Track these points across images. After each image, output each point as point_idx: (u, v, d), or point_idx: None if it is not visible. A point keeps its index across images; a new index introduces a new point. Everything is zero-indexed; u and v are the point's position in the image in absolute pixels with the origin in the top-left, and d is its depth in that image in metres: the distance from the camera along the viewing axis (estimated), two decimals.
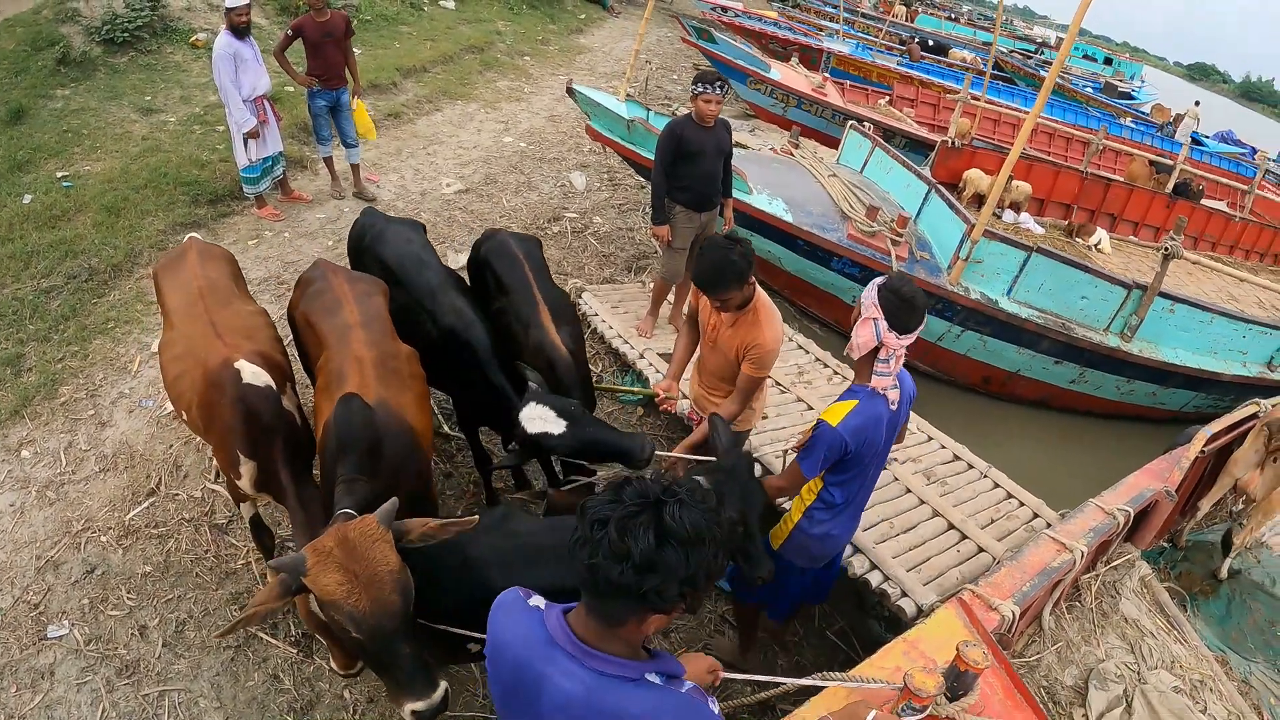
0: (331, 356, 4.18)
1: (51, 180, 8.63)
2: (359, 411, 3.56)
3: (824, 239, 7.87)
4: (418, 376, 4.33)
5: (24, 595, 4.76)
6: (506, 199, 10.53)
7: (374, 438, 3.56)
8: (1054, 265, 7.76)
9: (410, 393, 4.11)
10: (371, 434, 3.55)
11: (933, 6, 53.11)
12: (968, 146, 11.77)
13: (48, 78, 10.53)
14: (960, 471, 5.81)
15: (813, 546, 3.88)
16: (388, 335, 4.38)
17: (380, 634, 2.70)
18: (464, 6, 18.94)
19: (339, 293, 4.56)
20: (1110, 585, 4.38)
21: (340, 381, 3.92)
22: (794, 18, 26.97)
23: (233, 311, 4.50)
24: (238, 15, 7.98)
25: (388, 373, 4.06)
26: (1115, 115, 21.26)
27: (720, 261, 3.97)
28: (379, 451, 3.57)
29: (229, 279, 4.87)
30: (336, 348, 4.21)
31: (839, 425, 3.37)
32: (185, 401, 4.18)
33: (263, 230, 8.75)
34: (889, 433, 3.58)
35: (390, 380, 4.02)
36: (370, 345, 4.17)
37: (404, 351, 4.35)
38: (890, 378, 3.39)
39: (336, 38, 8.75)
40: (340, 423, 3.53)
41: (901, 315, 3.26)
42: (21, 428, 5.92)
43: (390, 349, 4.27)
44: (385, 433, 3.65)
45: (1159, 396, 8.59)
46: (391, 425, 3.74)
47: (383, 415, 3.71)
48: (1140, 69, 39.02)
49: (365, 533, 2.78)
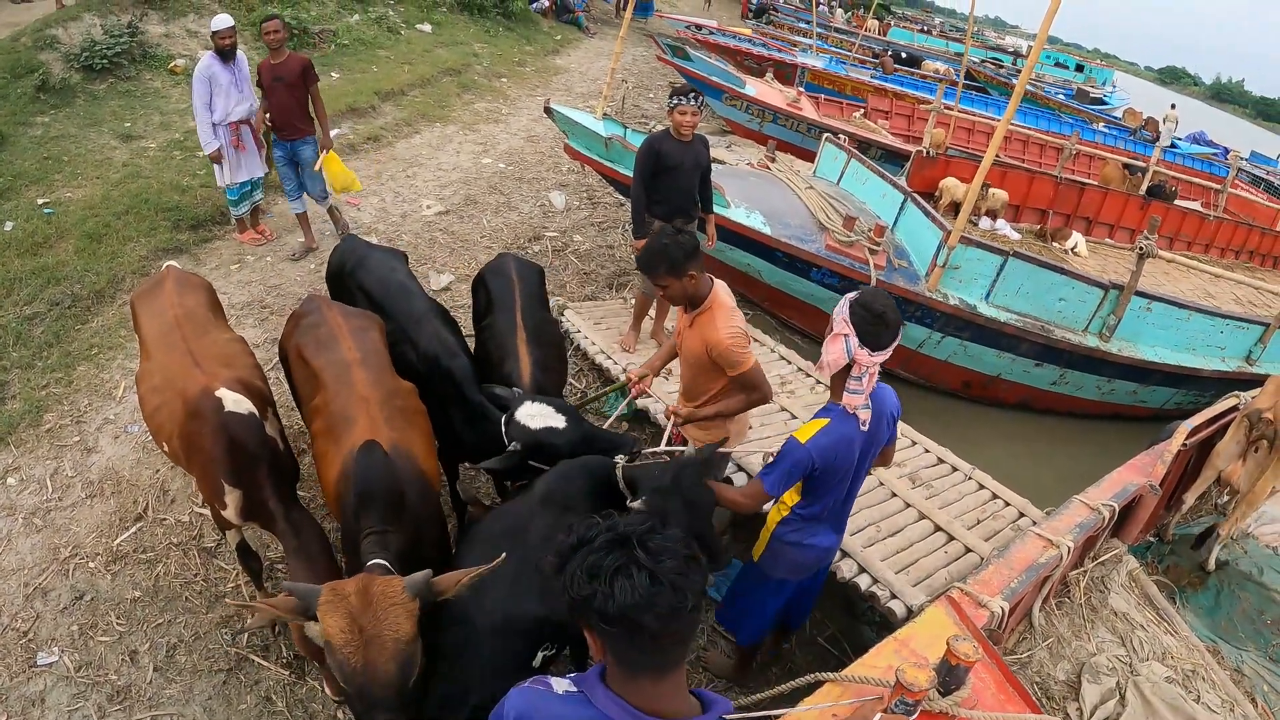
0: (332, 397, 4.11)
1: (33, 207, 8.62)
2: (380, 461, 3.50)
3: (803, 250, 7.92)
4: (420, 412, 4.29)
5: (12, 623, 4.74)
6: (487, 219, 10.56)
7: (396, 487, 3.50)
8: (1031, 269, 7.83)
9: (417, 431, 4.06)
10: (394, 483, 3.50)
11: (905, 20, 53.67)
12: (942, 156, 11.90)
13: (27, 104, 10.57)
14: (945, 474, 5.85)
15: (789, 555, 3.87)
16: (388, 372, 4.33)
17: (364, 697, 2.66)
18: (441, 30, 19.00)
19: (334, 328, 4.50)
20: (1099, 580, 4.41)
21: (347, 424, 3.86)
22: (768, 34, 27.10)
23: (210, 340, 4.46)
24: (221, 38, 7.93)
25: (395, 413, 3.99)
26: (1088, 120, 21.49)
27: (655, 247, 4.08)
28: (402, 501, 3.52)
29: (206, 308, 4.83)
30: (336, 387, 4.14)
31: (808, 443, 3.36)
32: (166, 433, 4.13)
33: (245, 255, 8.75)
34: (862, 453, 3.55)
35: (398, 421, 3.96)
36: (374, 384, 4.10)
37: (405, 388, 4.30)
38: (862, 396, 3.34)
39: (288, 81, 8.08)
40: (363, 473, 3.47)
41: (873, 331, 3.21)
42: (6, 455, 5.92)
43: (393, 386, 4.21)
44: (405, 480, 3.60)
45: (1139, 395, 8.66)
46: (409, 471, 3.69)
47: (400, 461, 3.64)
48: (1111, 74, 39.43)
49: (388, 594, 2.75)
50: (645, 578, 1.69)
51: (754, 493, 3.53)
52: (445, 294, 8.47)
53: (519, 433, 4.00)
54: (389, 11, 18.25)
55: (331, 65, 14.80)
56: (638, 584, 1.69)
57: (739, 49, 21.70)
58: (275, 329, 7.56)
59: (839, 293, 7.90)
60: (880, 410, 3.53)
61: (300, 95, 8.19)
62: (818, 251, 7.93)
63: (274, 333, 7.51)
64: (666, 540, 1.76)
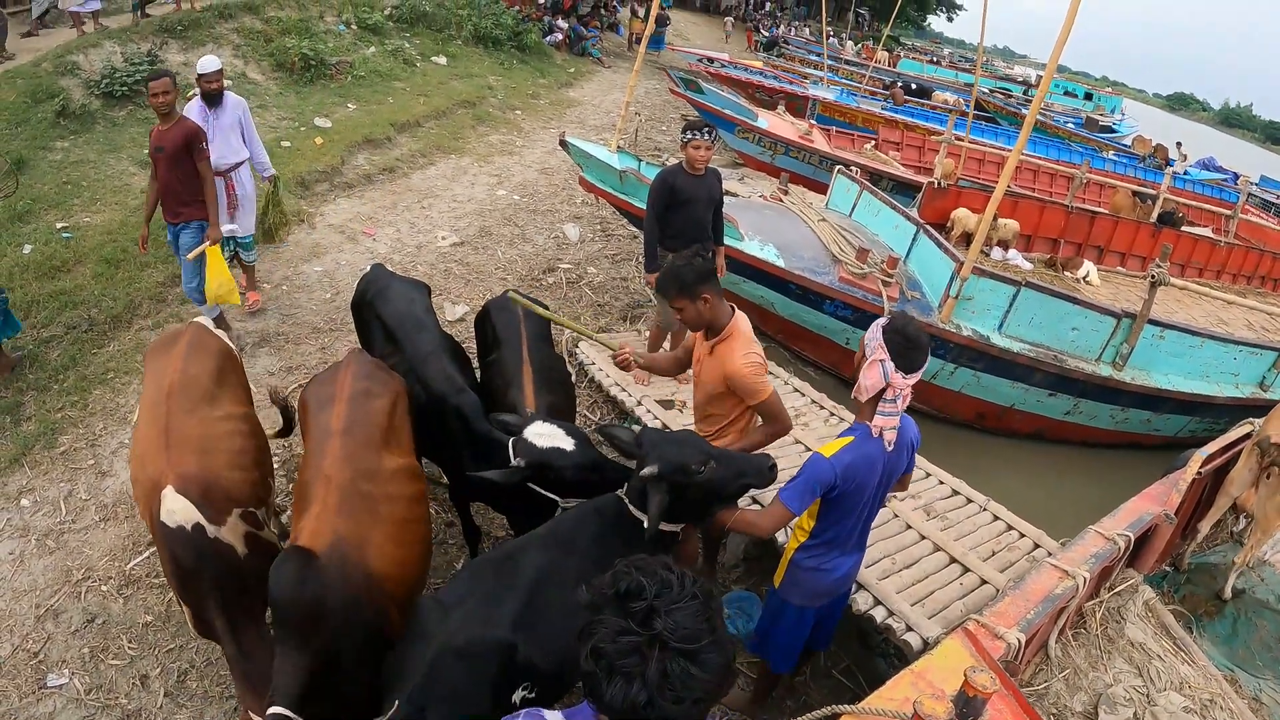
0: (305, 465, 3.94)
1: (51, 231, 8.75)
2: (293, 575, 3.17)
3: (816, 282, 7.96)
4: (401, 498, 3.91)
5: (23, 644, 4.80)
6: (501, 251, 10.65)
7: (313, 605, 3.16)
8: (1043, 298, 7.85)
9: (381, 523, 3.66)
10: (310, 602, 3.16)
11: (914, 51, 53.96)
12: (953, 187, 11.96)
13: (47, 129, 10.72)
14: (960, 506, 5.85)
15: (808, 582, 3.89)
16: (372, 448, 3.96)
17: None
18: (456, 62, 19.20)
19: (338, 387, 4.27)
20: (1115, 611, 4.41)
21: (305, 503, 3.62)
22: (779, 66, 27.31)
23: (197, 419, 4.11)
24: (206, 81, 7.38)
25: (356, 498, 3.63)
26: (1098, 149, 21.53)
27: (669, 269, 4.14)
28: (318, 619, 3.17)
29: (211, 377, 4.48)
30: (311, 456, 3.92)
31: (831, 458, 3.41)
32: (141, 509, 3.95)
33: (261, 283, 8.83)
34: (883, 477, 3.59)
35: (358, 508, 3.60)
36: (344, 461, 3.77)
37: (387, 470, 3.93)
38: (895, 418, 3.42)
39: (170, 154, 6.72)
40: (275, 588, 3.16)
41: (907, 355, 3.32)
42: (21, 476, 6.00)
43: (369, 466, 3.85)
44: (328, 591, 3.22)
45: (1154, 423, 8.66)
46: (340, 580, 3.29)
47: (333, 566, 3.29)
48: (1120, 102, 39.54)
49: None
50: (647, 693, 1.69)
51: (776, 513, 3.50)
52: (460, 325, 8.53)
53: (524, 449, 3.94)
54: (405, 44, 18.47)
55: (348, 96, 14.99)
56: (638, 692, 1.69)
57: (751, 81, 21.85)
58: (290, 358, 7.69)
59: (852, 325, 7.96)
60: (901, 439, 3.58)
61: (185, 170, 6.84)
62: (831, 284, 7.97)
63: (289, 361, 7.64)
64: (702, 652, 1.74)
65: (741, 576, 5.82)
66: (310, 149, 12.29)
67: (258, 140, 8.00)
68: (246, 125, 7.80)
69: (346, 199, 11.37)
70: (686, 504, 3.51)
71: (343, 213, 10.97)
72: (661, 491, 3.41)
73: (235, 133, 7.67)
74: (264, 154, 8.11)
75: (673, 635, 1.71)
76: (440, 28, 20.24)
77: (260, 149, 8.05)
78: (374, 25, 18.02)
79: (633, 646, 1.71)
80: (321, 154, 12.18)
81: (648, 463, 3.43)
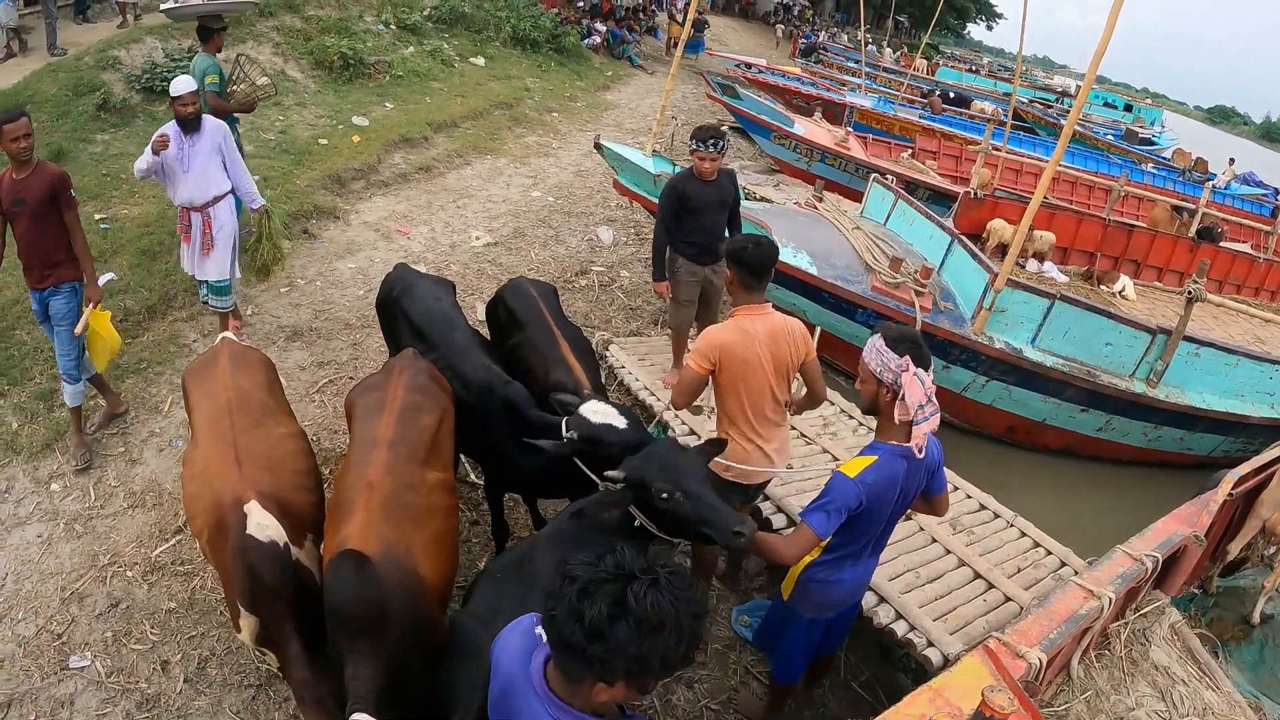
0: (347, 471, 3.94)
1: (90, 221, 8.79)
2: (354, 578, 3.23)
3: (849, 291, 7.93)
4: (440, 510, 3.94)
5: (48, 625, 4.88)
6: (535, 252, 10.69)
7: (376, 605, 3.22)
8: (1078, 312, 7.80)
9: (425, 532, 3.70)
10: (373, 601, 3.21)
11: (953, 59, 53.59)
12: (990, 197, 11.88)
13: (88, 122, 10.84)
14: (986, 521, 5.82)
15: (819, 594, 3.88)
16: (417, 461, 3.98)
17: None
18: (494, 64, 19.28)
19: (387, 397, 4.25)
20: (1140, 633, 4.37)
21: (346, 509, 3.64)
22: (817, 73, 27.22)
23: (262, 434, 4.14)
24: (180, 105, 6.47)
25: (400, 508, 3.67)
26: (1136, 161, 21.29)
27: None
28: (382, 620, 3.22)
29: (264, 390, 4.52)
30: (355, 463, 3.93)
31: (856, 478, 3.38)
32: (197, 527, 3.90)
33: (295, 278, 8.93)
34: (901, 493, 3.57)
35: (402, 518, 3.63)
36: (389, 471, 3.79)
37: (431, 480, 3.98)
38: (936, 418, 3.40)
39: (33, 207, 5.57)
40: (336, 591, 3.24)
41: (920, 353, 3.36)
42: (52, 461, 6.09)
43: (413, 478, 3.88)
44: (389, 594, 3.27)
45: (1186, 442, 8.56)
46: (396, 582, 3.34)
47: (387, 569, 3.33)
48: (1160, 114, 38.93)
49: None
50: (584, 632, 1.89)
51: (803, 538, 3.44)
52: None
53: (578, 423, 4.05)
54: (444, 45, 18.56)
55: (386, 95, 15.09)
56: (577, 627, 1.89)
57: (788, 88, 21.80)
58: (321, 353, 7.75)
59: None
60: (928, 459, 3.56)
61: (52, 224, 5.71)
62: (863, 293, 7.94)
63: (321, 357, 7.70)
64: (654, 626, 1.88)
65: (764, 585, 5.81)
66: (347, 147, 12.37)
67: (243, 169, 7.07)
68: (229, 153, 6.86)
69: (382, 197, 11.44)
70: (661, 520, 3.53)
71: (378, 210, 11.03)
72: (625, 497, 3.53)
73: (215, 162, 6.74)
74: (250, 183, 7.15)
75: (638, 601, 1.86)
76: (479, 29, 20.32)
77: (246, 179, 7.09)
78: (413, 25, 18.14)
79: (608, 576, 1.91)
80: (358, 152, 12.26)
81: (622, 465, 3.51)
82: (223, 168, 6.80)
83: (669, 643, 1.87)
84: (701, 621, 1.97)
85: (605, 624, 1.84)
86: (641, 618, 1.84)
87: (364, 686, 3.08)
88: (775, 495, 5.49)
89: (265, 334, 7.93)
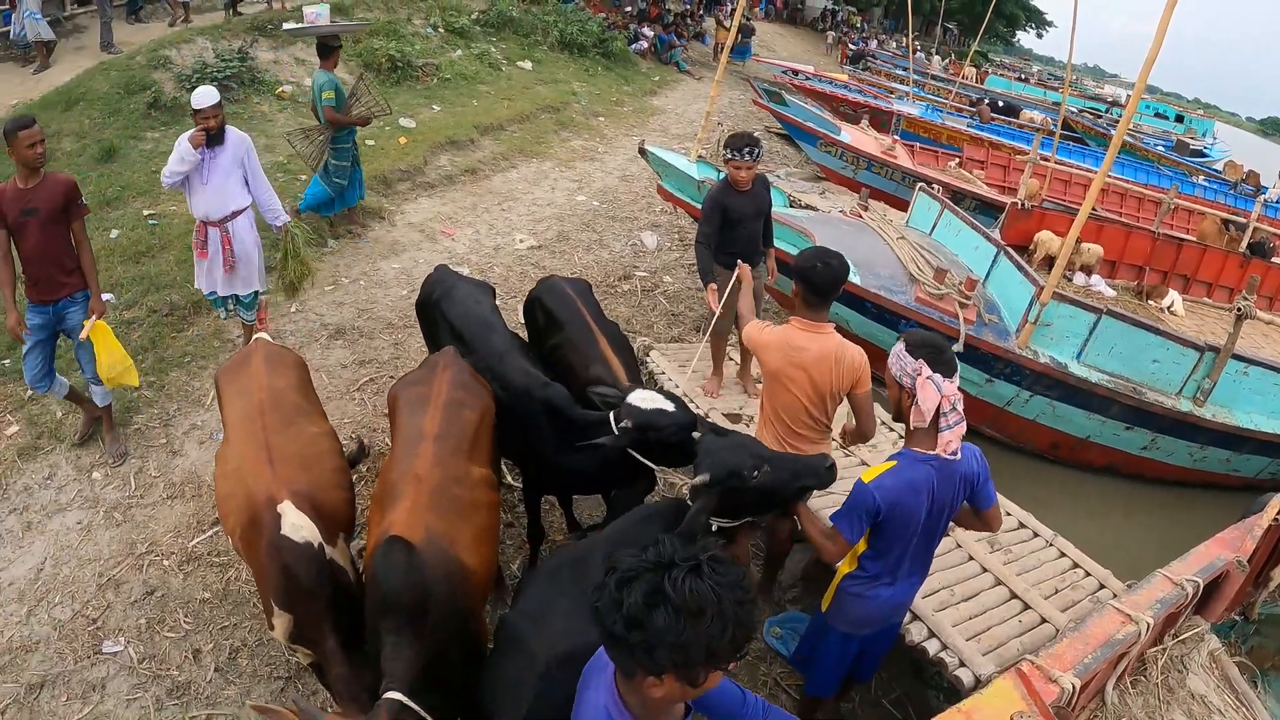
0: (393, 464, 4.00)
1: (138, 217, 9.08)
2: (402, 561, 3.27)
3: (892, 301, 7.87)
4: (483, 505, 4.02)
5: (83, 610, 5.00)
6: (578, 256, 10.73)
7: (419, 594, 3.26)
8: (1124, 328, 7.69)
9: (469, 525, 3.78)
10: (418, 586, 3.26)
11: (1002, 67, 53.09)
12: (1038, 208, 11.74)
13: (139, 120, 11.11)
14: (1025, 539, 5.75)
15: (854, 608, 3.87)
16: (462, 455, 4.05)
17: None
18: (541, 67, 19.39)
19: (432, 392, 4.32)
20: (1177, 659, 4.30)
21: (394, 500, 3.67)
22: (864, 80, 27.02)
23: (294, 433, 4.18)
24: (203, 118, 6.24)
25: (446, 499, 3.73)
26: (1187, 173, 20.93)
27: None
28: (426, 605, 3.27)
29: (296, 390, 4.56)
30: (401, 456, 3.99)
31: (870, 483, 3.40)
32: (230, 525, 3.93)
33: (339, 277, 9.06)
34: (935, 507, 3.54)
35: (447, 509, 3.70)
36: (436, 464, 3.85)
37: (476, 477, 4.05)
38: (962, 424, 3.39)
39: (44, 216, 5.49)
40: (381, 574, 3.27)
41: (942, 359, 3.35)
42: (95, 450, 6.24)
43: (459, 471, 3.95)
44: (433, 581, 3.33)
45: (1233, 463, 8.40)
46: (442, 566, 3.41)
47: (432, 557, 3.38)
48: (1212, 125, 38.18)
49: None
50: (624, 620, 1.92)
51: (836, 536, 3.53)
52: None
53: (630, 412, 4.11)
54: (491, 48, 18.71)
55: (433, 98, 15.25)
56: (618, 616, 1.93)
57: (835, 95, 21.69)
58: (363, 351, 7.85)
59: None
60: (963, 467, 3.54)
61: (63, 234, 5.65)
62: (907, 304, 7.88)
63: (363, 355, 7.79)
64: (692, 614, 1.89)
65: (798, 597, 5.79)
66: (394, 148, 12.52)
67: (265, 183, 6.86)
68: (251, 166, 6.67)
69: (427, 198, 11.55)
70: (744, 504, 3.56)
71: (423, 212, 11.14)
72: (710, 497, 3.44)
73: (236, 175, 6.56)
74: (274, 198, 6.93)
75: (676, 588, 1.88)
76: (526, 33, 20.47)
77: (269, 193, 6.88)
78: (461, 29, 18.31)
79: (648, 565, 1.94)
80: (405, 153, 12.40)
81: (699, 470, 3.48)
82: (243, 182, 6.65)
83: (713, 630, 1.87)
84: (748, 609, 1.95)
85: (643, 611, 1.86)
86: (680, 604, 1.85)
87: (402, 669, 3.12)
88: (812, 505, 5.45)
89: (308, 331, 8.05)
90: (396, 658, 3.14)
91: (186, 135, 6.27)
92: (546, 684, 2.97)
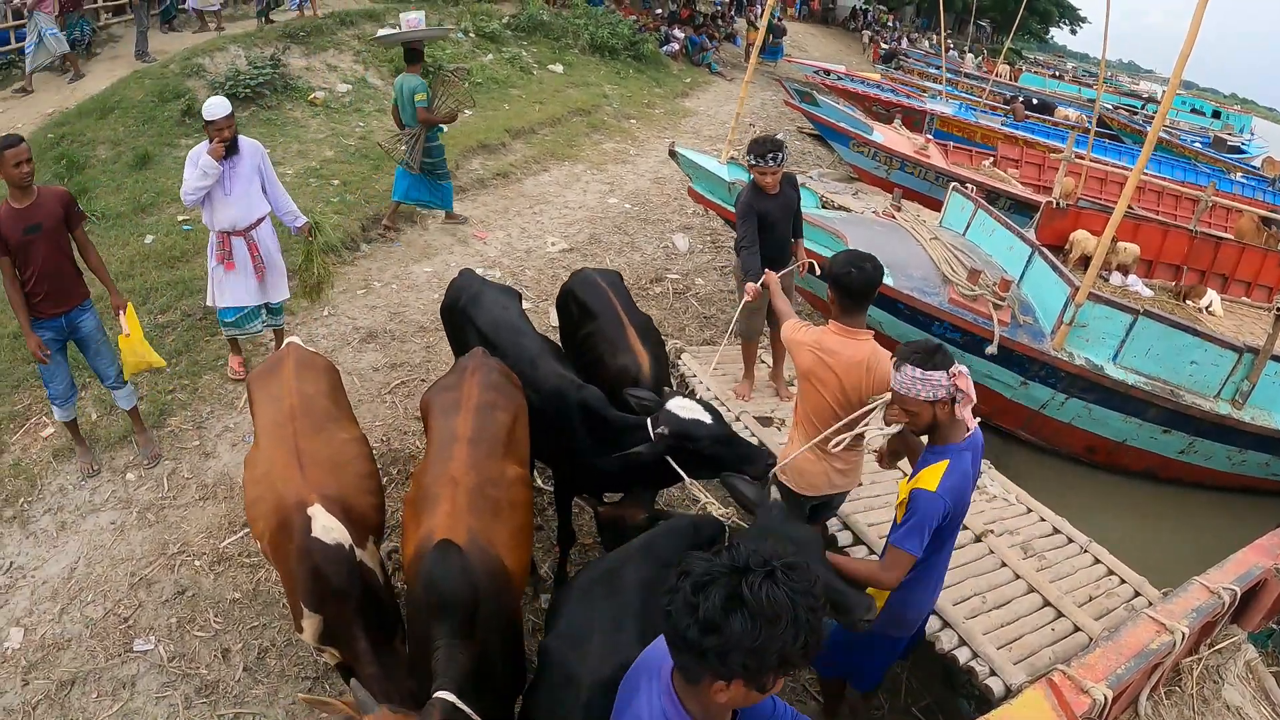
0: (428, 467, 4.04)
1: (172, 223, 9.21)
2: (457, 568, 3.28)
3: (925, 303, 7.80)
4: (519, 504, 4.05)
5: (115, 608, 5.08)
6: (610, 259, 10.75)
7: (472, 596, 3.28)
8: (1161, 329, 7.57)
9: (506, 526, 3.81)
10: (470, 591, 3.27)
11: (1036, 65, 52.58)
12: (1073, 207, 11.60)
13: (173, 127, 11.29)
14: (1059, 545, 5.70)
15: (904, 613, 3.86)
16: (496, 457, 4.07)
17: None
18: (572, 71, 19.44)
19: (464, 395, 4.33)
20: (1213, 670, 4.24)
21: (430, 504, 3.72)
22: (896, 80, 26.82)
23: (324, 439, 4.22)
24: (216, 129, 6.25)
25: (484, 501, 3.77)
26: (1225, 170, 20.61)
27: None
28: (475, 607, 3.29)
29: (327, 396, 4.60)
30: (435, 459, 4.03)
31: (938, 489, 3.36)
32: (258, 529, 3.99)
33: (371, 280, 9.11)
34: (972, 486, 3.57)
35: (485, 510, 3.75)
36: (471, 467, 3.88)
37: (510, 477, 4.07)
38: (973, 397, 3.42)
39: (48, 230, 5.51)
40: (438, 578, 3.26)
41: (934, 357, 3.34)
42: (129, 451, 6.32)
43: (494, 473, 3.97)
44: (480, 583, 3.35)
45: (1272, 467, 8.24)
46: (485, 567, 3.45)
47: (476, 558, 3.43)
48: (1249, 121, 37.48)
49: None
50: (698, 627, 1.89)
51: (898, 561, 3.44)
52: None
53: (668, 420, 4.14)
54: (522, 52, 18.77)
55: (466, 102, 15.22)
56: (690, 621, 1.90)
57: (867, 94, 21.54)
58: (396, 354, 7.90)
59: (961, 348, 7.74)
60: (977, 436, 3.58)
61: (66, 245, 5.70)
62: (940, 305, 7.81)
63: (395, 358, 7.83)
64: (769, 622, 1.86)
65: None
66: None
67: (280, 189, 6.94)
68: (267, 173, 6.76)
69: (459, 202, 11.57)
70: None
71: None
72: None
73: (254, 183, 6.64)
74: (290, 202, 7.01)
75: (753, 593, 1.85)
76: (557, 36, 20.53)
77: (285, 198, 6.97)
78: (492, 33, 18.40)
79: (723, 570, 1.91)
80: None
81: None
82: (261, 189, 6.72)
83: (786, 636, 1.85)
84: (819, 616, 1.94)
85: (720, 616, 1.84)
86: (757, 610, 1.83)
87: (455, 670, 3.13)
88: (843, 512, 5.43)
89: (341, 335, 8.11)
90: (450, 659, 3.16)
91: (202, 149, 6.31)
92: (590, 712, 2.95)
